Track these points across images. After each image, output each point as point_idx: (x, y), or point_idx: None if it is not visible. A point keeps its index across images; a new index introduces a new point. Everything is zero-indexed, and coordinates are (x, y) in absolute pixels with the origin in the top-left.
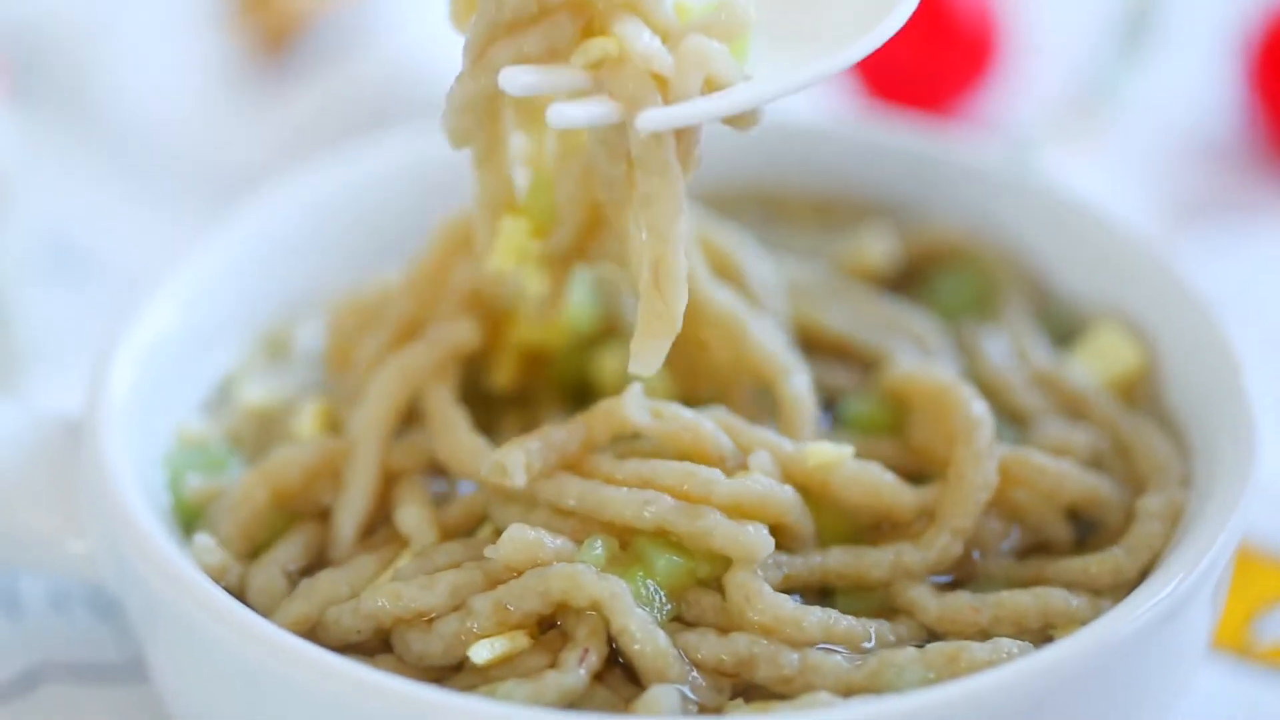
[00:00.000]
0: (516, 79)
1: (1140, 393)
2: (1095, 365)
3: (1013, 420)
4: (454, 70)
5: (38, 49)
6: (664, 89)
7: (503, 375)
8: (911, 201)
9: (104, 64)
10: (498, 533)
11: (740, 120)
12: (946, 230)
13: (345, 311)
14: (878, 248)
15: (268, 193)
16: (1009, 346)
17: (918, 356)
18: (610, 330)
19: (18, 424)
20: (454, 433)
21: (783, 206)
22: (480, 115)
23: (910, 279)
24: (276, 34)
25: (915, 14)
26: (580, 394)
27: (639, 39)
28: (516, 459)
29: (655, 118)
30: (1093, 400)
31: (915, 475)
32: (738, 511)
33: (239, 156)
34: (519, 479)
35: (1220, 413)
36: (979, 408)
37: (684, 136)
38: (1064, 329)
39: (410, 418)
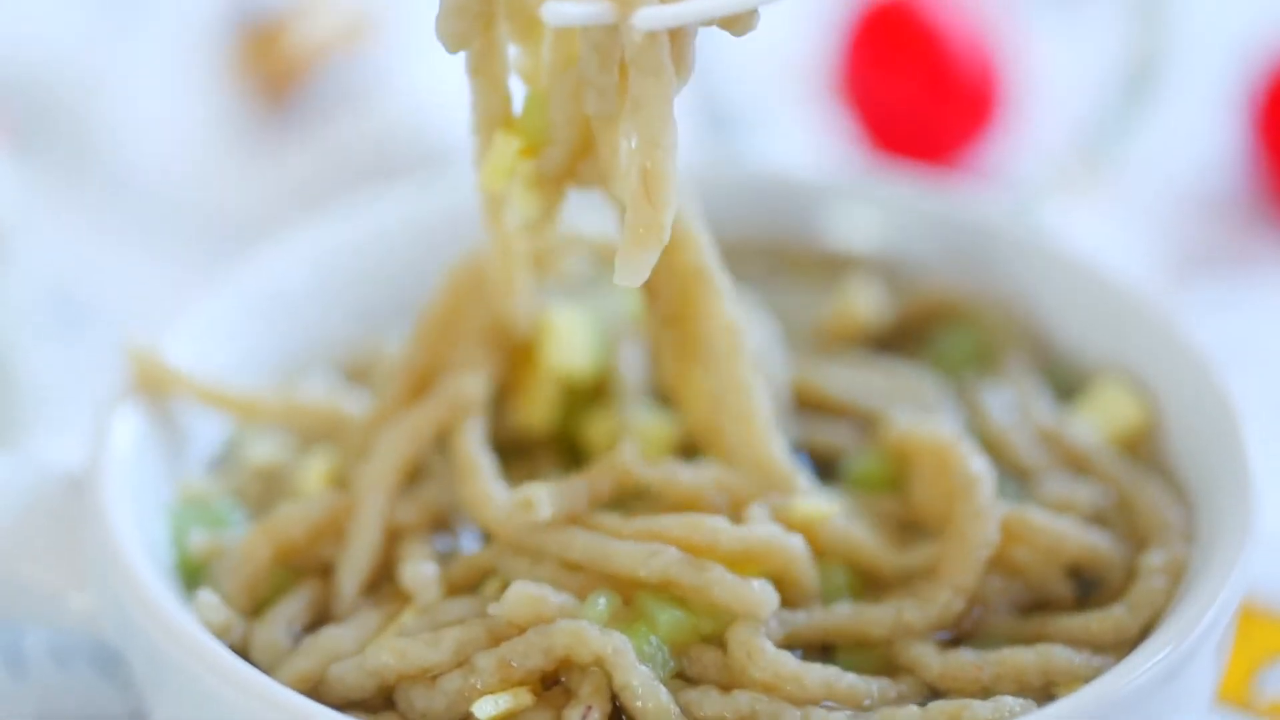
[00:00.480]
0: None
1: (1143, 448)
2: (1097, 421)
3: (1015, 476)
4: (459, 117)
5: (40, 101)
6: None
7: (537, 413)
8: (914, 256)
9: (105, 116)
10: (503, 586)
11: (737, 23)
12: (948, 285)
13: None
14: (864, 302)
15: (270, 246)
16: (1011, 402)
17: (917, 413)
18: (602, 389)
19: (19, 477)
20: (478, 479)
21: (786, 259)
22: (474, 18)
23: (911, 334)
24: (278, 86)
25: (917, 65)
26: (568, 452)
27: None
28: (542, 494)
29: (652, 16)
30: (1095, 456)
31: (917, 531)
32: (745, 558)
33: (241, 208)
34: (545, 512)
35: (1221, 468)
36: (979, 464)
37: (678, 39)
38: (1066, 384)
39: (414, 473)
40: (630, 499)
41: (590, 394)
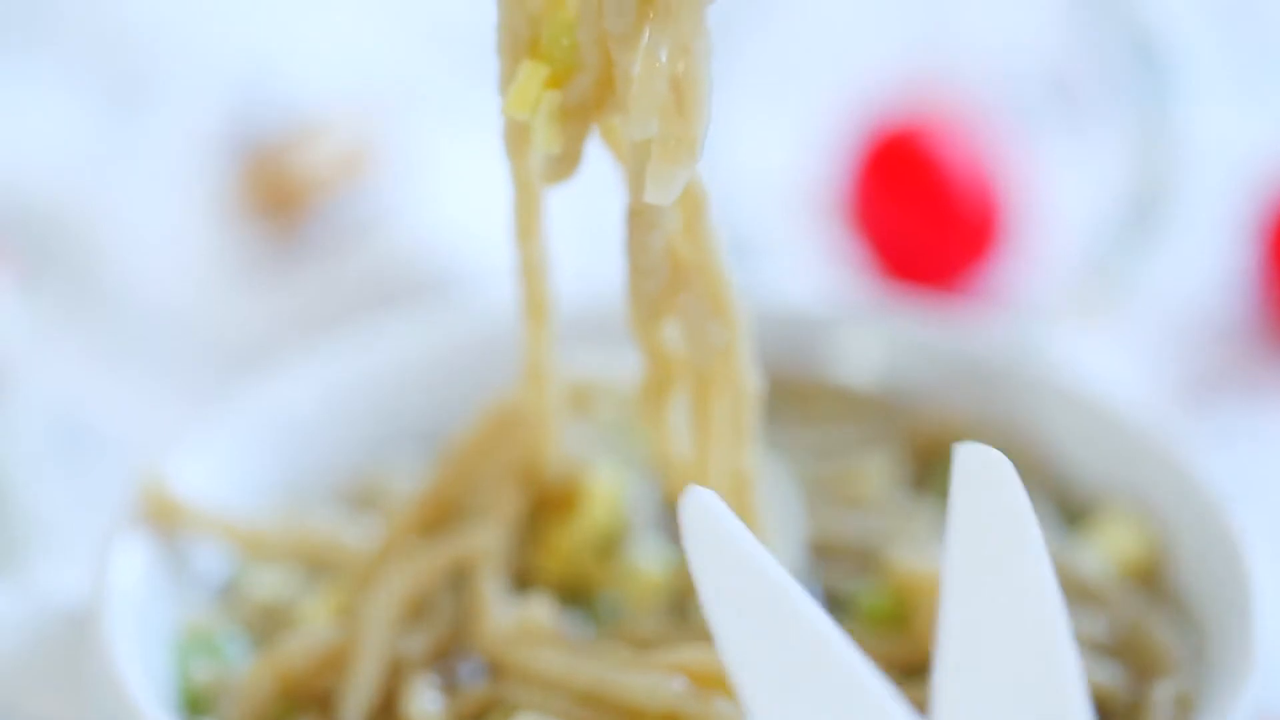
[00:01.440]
0: None
1: (1149, 578)
2: (1104, 551)
3: None
4: (464, 245)
5: (43, 230)
6: None
7: (559, 566)
8: (920, 387)
9: (109, 244)
10: (507, 713)
11: None
12: (955, 416)
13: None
14: (875, 468)
15: (274, 374)
16: None
17: (923, 548)
18: (621, 532)
19: (21, 610)
20: (491, 614)
21: (793, 394)
22: None
23: (920, 465)
24: (282, 213)
25: (924, 194)
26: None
27: None
28: (544, 610)
29: None
30: (1102, 587)
31: (924, 668)
32: None
33: (247, 337)
34: (547, 626)
35: (1227, 599)
36: None
37: None
38: (1073, 514)
39: (421, 606)
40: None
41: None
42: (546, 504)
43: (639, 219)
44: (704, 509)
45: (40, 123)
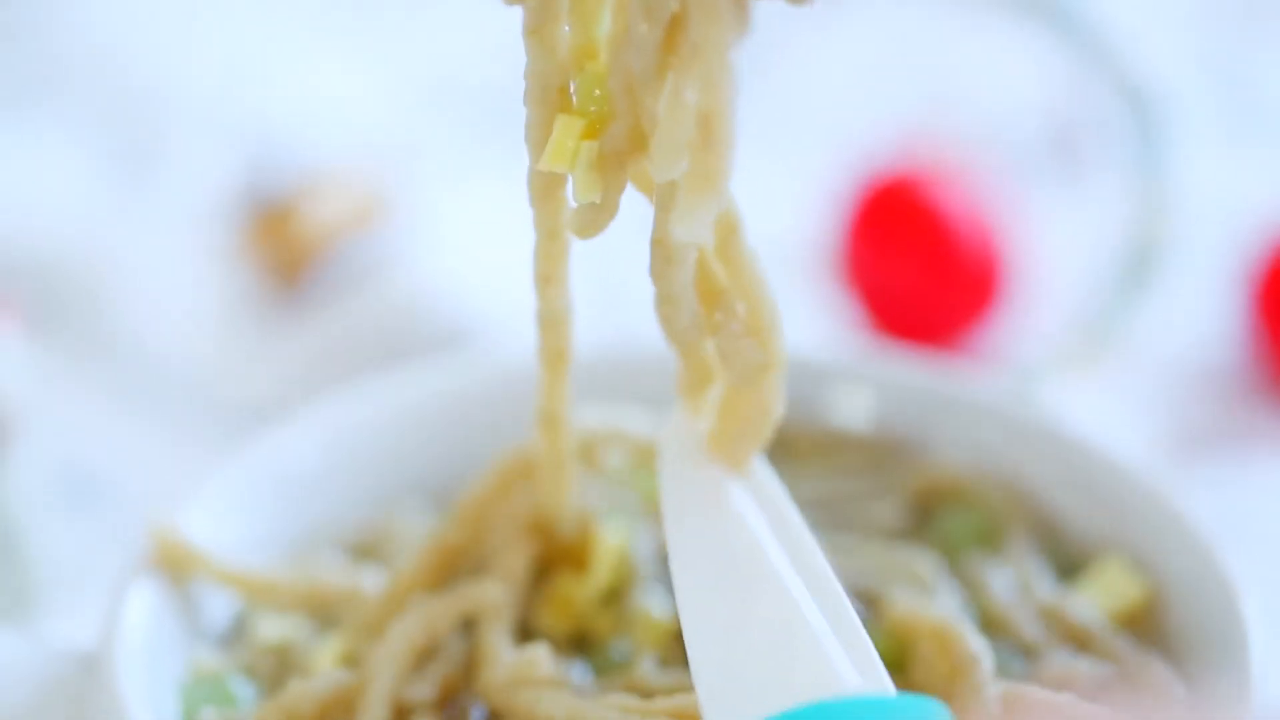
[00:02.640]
0: None
1: (1144, 625)
2: (1099, 598)
3: (1017, 653)
4: (470, 297)
5: (52, 281)
6: None
7: (565, 622)
8: (916, 436)
9: (118, 295)
10: None
11: None
12: (950, 465)
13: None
14: (873, 514)
15: (282, 425)
16: (1013, 581)
17: (917, 595)
18: (627, 584)
19: (31, 656)
20: (496, 661)
21: (787, 444)
22: None
23: (915, 514)
24: (290, 265)
25: (918, 246)
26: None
27: None
28: (543, 653)
29: None
30: (1096, 633)
31: None
32: None
33: (254, 387)
34: (545, 668)
35: (1221, 645)
36: (977, 643)
37: None
38: (1068, 562)
39: (428, 653)
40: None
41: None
42: (556, 556)
43: (661, 249)
44: (683, 439)
45: (51, 175)
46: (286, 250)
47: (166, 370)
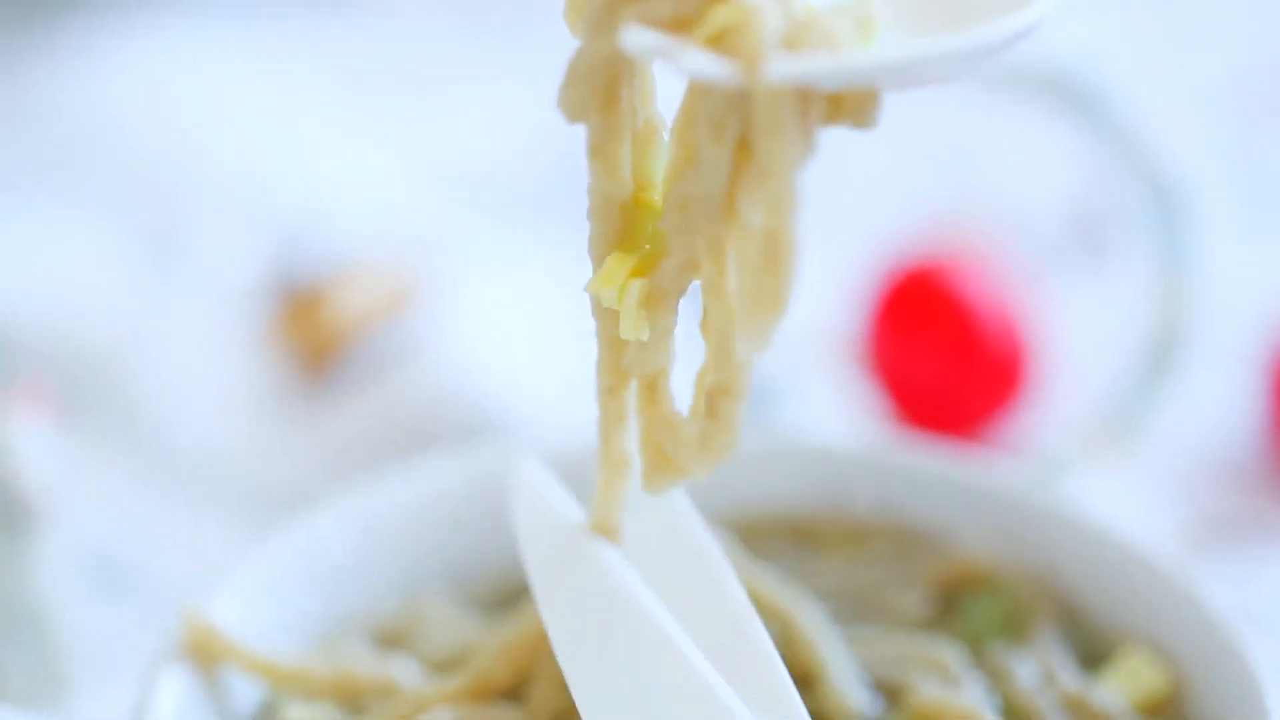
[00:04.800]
0: (639, 38)
1: (1167, 714)
2: (1122, 688)
3: None
4: (498, 387)
5: (82, 368)
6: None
7: None
8: (940, 525)
9: (146, 382)
10: None
11: (862, 110)
12: (975, 554)
13: None
14: (899, 602)
15: (311, 513)
16: (1037, 670)
17: (941, 683)
18: None
19: None
20: None
21: (811, 534)
22: (598, 87)
23: (940, 602)
24: (319, 352)
25: (943, 336)
26: None
27: (767, 6)
28: None
29: (786, 68)
30: None
31: None
32: None
33: (282, 474)
34: None
35: None
36: None
37: (807, 104)
38: (1092, 651)
39: None
40: None
41: None
42: None
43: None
44: (529, 482)
45: (81, 261)
46: (315, 338)
47: (195, 457)
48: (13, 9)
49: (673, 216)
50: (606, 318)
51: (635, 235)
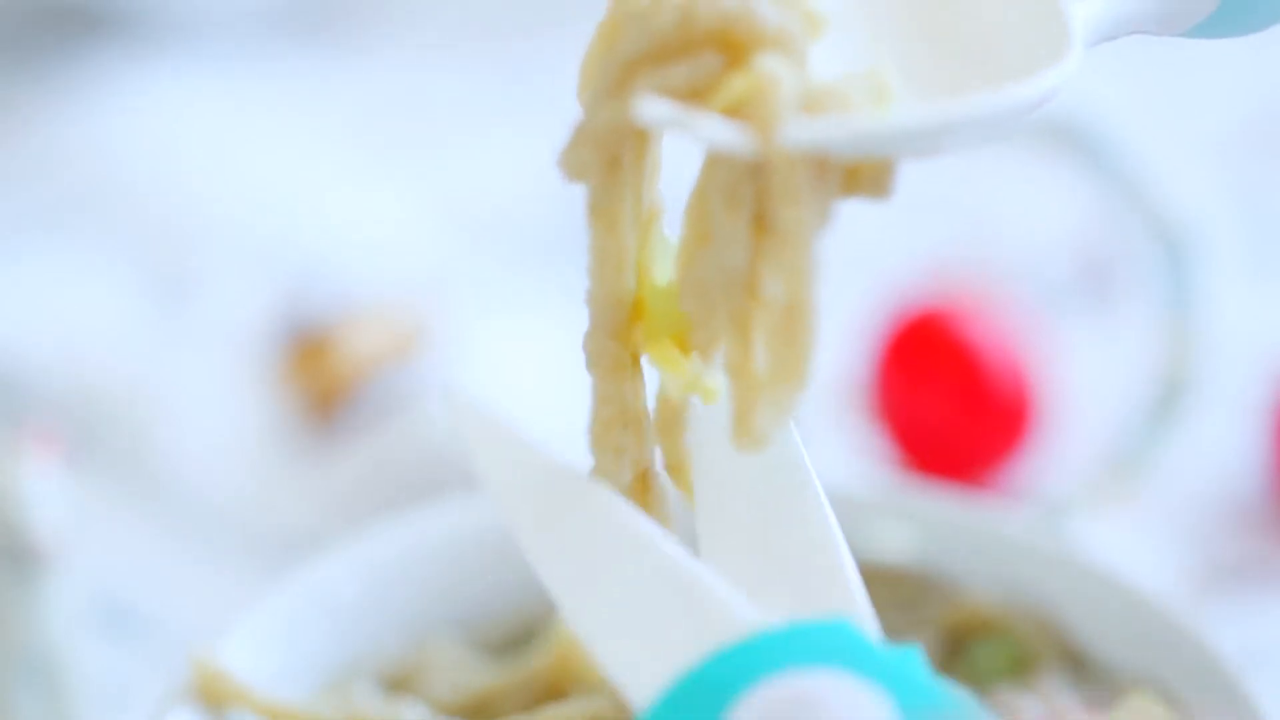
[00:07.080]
0: (654, 108)
1: None
2: None
3: None
4: None
5: (90, 413)
6: None
7: None
8: (947, 570)
9: (155, 426)
10: None
11: (878, 181)
12: (981, 599)
13: None
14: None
15: (320, 557)
16: (1043, 713)
17: None
18: None
19: None
20: None
21: None
22: (602, 150)
23: (946, 647)
24: (327, 396)
25: (949, 381)
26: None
27: (784, 75)
28: None
29: (803, 133)
30: None
31: None
32: None
33: (291, 518)
34: None
35: None
36: None
37: (824, 174)
38: (1097, 694)
39: None
40: None
41: None
42: None
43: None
44: (467, 407)
45: (91, 306)
46: (324, 381)
47: (204, 501)
48: (22, 52)
49: (690, 298)
50: (609, 376)
51: (656, 323)
